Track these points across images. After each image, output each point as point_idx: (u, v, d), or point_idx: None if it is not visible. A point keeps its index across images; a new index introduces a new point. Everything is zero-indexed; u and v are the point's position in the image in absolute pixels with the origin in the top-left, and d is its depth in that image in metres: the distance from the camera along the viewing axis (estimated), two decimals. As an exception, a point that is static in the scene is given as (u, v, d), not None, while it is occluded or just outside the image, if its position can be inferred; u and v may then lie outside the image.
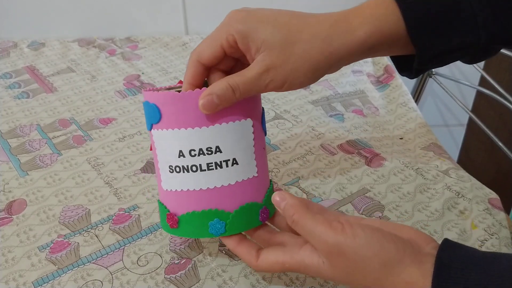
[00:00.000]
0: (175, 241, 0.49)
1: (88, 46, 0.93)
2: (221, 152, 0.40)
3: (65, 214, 0.52)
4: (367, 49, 0.41)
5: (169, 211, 0.42)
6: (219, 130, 0.40)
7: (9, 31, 0.96)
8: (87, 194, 0.55)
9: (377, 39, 0.40)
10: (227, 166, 0.41)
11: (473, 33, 0.40)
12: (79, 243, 0.48)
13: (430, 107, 1.18)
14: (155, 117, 0.40)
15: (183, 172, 0.40)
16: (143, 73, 0.83)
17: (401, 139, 0.68)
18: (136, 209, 0.53)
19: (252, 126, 0.41)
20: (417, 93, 1.09)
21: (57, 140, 0.64)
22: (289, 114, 0.71)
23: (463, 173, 0.60)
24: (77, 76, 0.82)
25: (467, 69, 1.10)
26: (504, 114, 1.07)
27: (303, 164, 0.60)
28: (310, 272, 0.38)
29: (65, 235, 0.49)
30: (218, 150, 0.40)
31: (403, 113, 0.74)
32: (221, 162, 0.40)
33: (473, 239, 0.51)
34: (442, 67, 1.09)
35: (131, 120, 0.69)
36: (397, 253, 0.34)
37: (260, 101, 0.44)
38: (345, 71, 0.84)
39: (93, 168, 0.59)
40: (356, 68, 0.86)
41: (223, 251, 0.48)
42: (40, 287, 0.44)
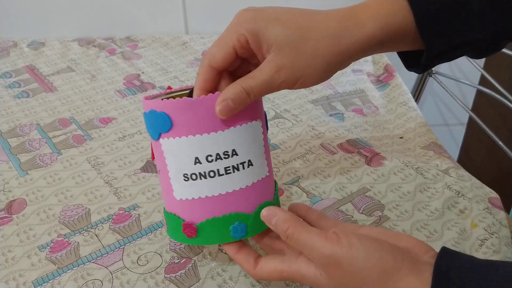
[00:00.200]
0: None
1: (88, 45, 0.93)
2: (237, 155, 0.40)
3: (65, 213, 0.52)
4: (375, 45, 0.41)
5: (184, 221, 0.41)
6: (235, 133, 0.39)
7: (9, 31, 0.96)
8: (87, 193, 0.55)
9: (385, 34, 0.40)
10: (243, 168, 0.40)
11: (481, 28, 0.40)
12: (79, 243, 0.48)
13: (430, 106, 1.17)
14: (165, 126, 0.39)
15: (200, 179, 0.40)
16: (143, 73, 0.83)
17: (401, 138, 0.68)
18: (136, 209, 0.53)
19: (261, 126, 0.42)
20: (417, 92, 1.09)
21: (57, 139, 0.64)
22: (289, 113, 0.71)
23: (463, 172, 0.60)
24: (77, 75, 0.82)
25: (467, 68, 1.09)
26: (504, 113, 1.07)
27: (303, 163, 0.60)
28: (307, 282, 0.38)
29: (65, 235, 0.49)
30: (234, 153, 0.40)
31: (403, 112, 0.74)
32: (238, 165, 0.40)
33: (473, 238, 0.51)
34: (446, 63, 1.10)
35: (131, 119, 0.69)
36: (395, 263, 0.34)
37: (262, 101, 0.44)
38: (345, 70, 0.84)
39: (93, 167, 0.59)
40: (356, 67, 0.86)
41: (223, 251, 0.48)
42: (40, 286, 0.44)
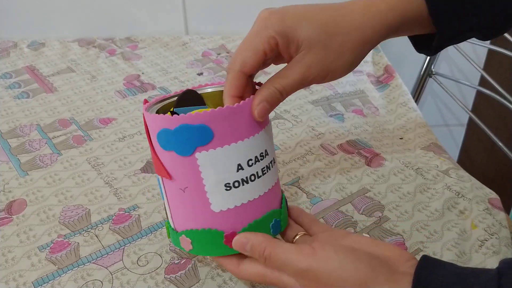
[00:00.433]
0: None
1: (88, 46, 0.93)
2: (268, 154, 0.41)
3: (65, 214, 0.52)
4: (392, 32, 0.43)
5: (224, 232, 0.40)
6: (264, 133, 0.40)
7: (9, 31, 0.96)
8: (87, 194, 0.55)
9: (401, 22, 0.42)
10: (272, 166, 0.42)
11: (490, 13, 0.42)
12: (79, 243, 0.48)
13: (430, 107, 1.17)
14: (206, 138, 0.37)
15: (243, 185, 0.39)
16: (143, 73, 0.83)
17: (401, 139, 0.68)
18: (136, 209, 0.53)
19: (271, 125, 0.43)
20: (417, 93, 1.09)
21: (57, 140, 0.64)
22: (289, 114, 0.71)
23: (463, 173, 0.60)
24: (77, 76, 0.82)
25: (467, 69, 1.10)
26: (504, 114, 1.07)
27: (303, 164, 0.60)
28: None
29: (65, 235, 0.49)
30: (266, 153, 0.41)
31: (403, 113, 0.74)
32: (269, 164, 0.41)
33: (473, 239, 0.51)
34: (446, 64, 1.10)
35: (131, 120, 0.69)
36: (372, 273, 0.35)
37: None
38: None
39: (93, 168, 0.59)
40: (356, 68, 0.86)
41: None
42: (40, 287, 0.44)
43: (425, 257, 0.36)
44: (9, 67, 0.84)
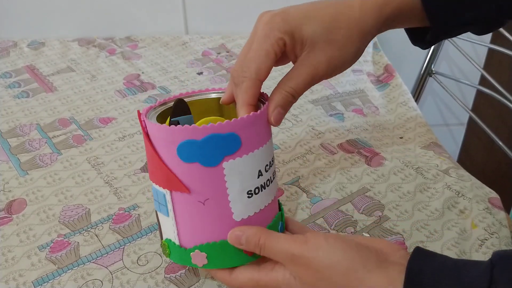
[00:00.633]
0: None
1: (88, 45, 0.93)
2: (273, 158, 0.42)
3: (65, 213, 0.52)
4: (388, 24, 0.44)
5: None
6: (272, 139, 0.42)
7: (9, 31, 0.96)
8: (87, 193, 0.55)
9: (397, 14, 0.43)
10: (275, 169, 0.42)
11: (484, 7, 0.43)
12: (79, 243, 0.48)
13: (430, 106, 1.17)
14: (234, 147, 0.37)
15: (261, 190, 0.40)
16: (143, 73, 0.83)
17: (401, 138, 0.68)
18: (136, 209, 0.53)
19: None
20: (417, 92, 1.09)
21: (57, 139, 0.64)
22: (289, 113, 0.71)
23: (463, 172, 0.60)
24: (77, 75, 0.82)
25: (467, 68, 1.10)
26: (504, 113, 1.07)
27: (303, 163, 0.60)
28: None
29: (65, 235, 0.49)
30: (274, 157, 0.42)
31: (403, 112, 0.74)
32: (275, 167, 0.42)
33: (473, 238, 0.51)
34: (446, 63, 1.10)
35: (131, 119, 0.69)
36: (360, 259, 0.35)
37: None
38: (345, 71, 0.84)
39: (93, 167, 0.59)
40: (356, 67, 0.86)
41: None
42: (40, 286, 0.44)
43: (418, 249, 0.36)
44: (9, 66, 0.84)
